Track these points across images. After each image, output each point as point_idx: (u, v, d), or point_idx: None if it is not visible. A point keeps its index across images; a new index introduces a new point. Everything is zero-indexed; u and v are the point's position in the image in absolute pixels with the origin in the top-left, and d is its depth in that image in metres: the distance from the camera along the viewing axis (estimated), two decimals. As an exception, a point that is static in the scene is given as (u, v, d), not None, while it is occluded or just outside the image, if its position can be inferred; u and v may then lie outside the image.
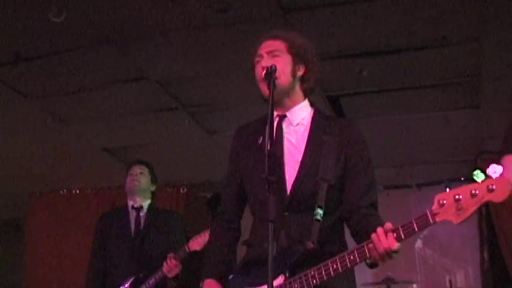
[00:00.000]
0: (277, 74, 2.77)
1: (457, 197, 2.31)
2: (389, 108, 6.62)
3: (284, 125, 2.91)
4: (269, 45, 2.92)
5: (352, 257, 2.51)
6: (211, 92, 6.29)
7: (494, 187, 2.26)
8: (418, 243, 8.41)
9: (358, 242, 2.64)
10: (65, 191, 9.38)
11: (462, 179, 7.61)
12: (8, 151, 7.60)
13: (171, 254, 4.78)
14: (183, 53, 5.54)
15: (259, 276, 2.68)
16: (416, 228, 2.40)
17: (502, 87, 6.04)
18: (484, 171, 2.31)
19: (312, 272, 2.56)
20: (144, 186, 5.27)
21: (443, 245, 8.34)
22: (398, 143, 7.43)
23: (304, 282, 2.58)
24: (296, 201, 2.73)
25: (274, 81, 2.71)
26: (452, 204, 2.32)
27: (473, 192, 2.29)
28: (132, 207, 5.24)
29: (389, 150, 7.41)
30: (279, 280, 2.63)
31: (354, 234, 2.77)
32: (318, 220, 2.69)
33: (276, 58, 2.85)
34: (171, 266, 4.76)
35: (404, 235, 2.43)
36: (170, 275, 4.80)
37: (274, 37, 2.94)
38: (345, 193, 2.82)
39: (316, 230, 2.68)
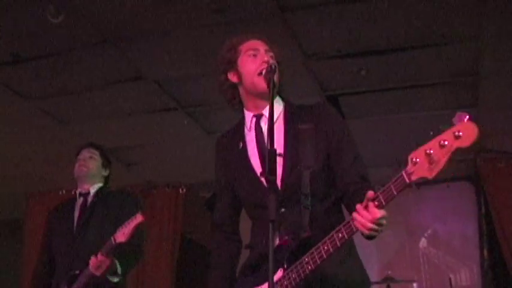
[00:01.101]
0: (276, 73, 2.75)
1: (427, 151, 2.30)
2: (388, 107, 6.62)
3: (262, 124, 2.89)
4: (262, 44, 2.93)
5: (340, 235, 2.48)
6: (210, 92, 6.27)
7: (460, 133, 2.28)
8: (423, 242, 8.40)
9: None
10: (63, 191, 9.35)
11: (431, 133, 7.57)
12: (6, 151, 7.59)
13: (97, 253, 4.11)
14: (181, 53, 5.53)
15: (261, 274, 2.69)
16: (394, 191, 2.38)
17: (501, 86, 6.04)
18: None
19: (306, 259, 2.54)
20: (93, 171, 4.68)
21: (446, 243, 8.33)
22: (397, 142, 7.41)
23: (300, 270, 2.56)
24: (287, 195, 2.72)
25: (273, 80, 2.69)
26: (425, 160, 2.31)
27: (441, 142, 2.28)
28: (80, 194, 4.65)
29: (388, 149, 7.40)
30: (278, 274, 2.61)
31: (351, 204, 2.68)
32: (307, 208, 2.68)
33: (272, 58, 2.86)
34: (96, 263, 4.04)
35: (384, 200, 2.40)
36: (97, 273, 4.06)
37: (259, 38, 2.99)
38: (335, 175, 2.80)
39: (306, 217, 2.67)
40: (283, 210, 2.71)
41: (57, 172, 8.40)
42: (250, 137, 2.92)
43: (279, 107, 2.92)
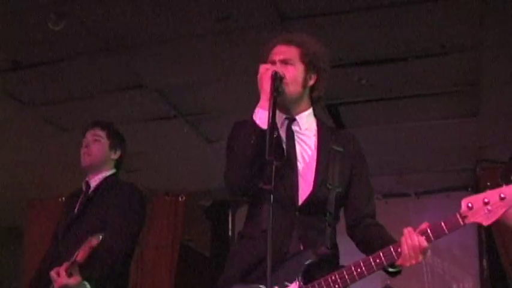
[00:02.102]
0: (286, 82, 2.76)
1: (486, 200, 2.45)
2: (388, 116, 6.62)
3: (294, 128, 2.90)
4: (283, 51, 2.88)
5: (378, 260, 2.52)
6: (210, 100, 6.29)
7: None
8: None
9: (365, 249, 2.69)
10: (64, 198, 9.34)
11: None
12: (6, 158, 7.58)
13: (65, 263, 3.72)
14: (182, 61, 5.54)
15: (262, 278, 2.59)
16: (446, 231, 2.50)
17: (501, 96, 6.04)
18: None
19: (333, 277, 2.55)
20: (98, 158, 4.14)
21: (445, 253, 8.31)
22: (397, 151, 7.43)
23: (326, 287, 2.56)
24: (310, 205, 2.74)
25: (278, 88, 2.70)
26: (482, 207, 2.46)
27: (502, 195, 2.43)
28: (86, 183, 4.17)
29: (388, 158, 7.40)
30: (293, 286, 2.60)
31: (361, 242, 2.79)
32: (330, 225, 2.74)
33: (288, 67, 2.83)
34: (60, 281, 3.64)
35: (433, 236, 2.50)
36: (56, 285, 3.65)
37: (288, 42, 2.92)
38: (350, 201, 2.85)
39: (328, 235, 2.72)
40: (297, 214, 2.71)
41: (58, 179, 8.39)
42: (281, 134, 2.90)
43: (312, 119, 2.96)
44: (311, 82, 2.92)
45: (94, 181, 4.14)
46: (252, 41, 5.16)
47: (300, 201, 2.73)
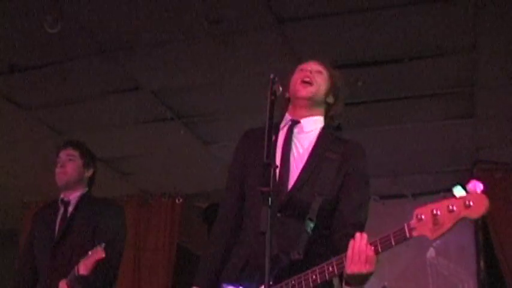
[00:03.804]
0: (313, 82, 3.00)
1: (434, 211, 2.30)
2: (385, 118, 6.62)
3: (295, 130, 2.98)
4: (316, 65, 3.10)
5: (330, 269, 2.51)
6: (207, 102, 6.28)
7: (471, 203, 2.24)
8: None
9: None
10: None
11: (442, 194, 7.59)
12: (3, 161, 7.58)
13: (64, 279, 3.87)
14: (178, 64, 5.54)
15: (251, 282, 2.69)
16: (393, 242, 2.39)
17: (497, 97, 6.04)
18: (464, 187, 2.31)
19: (293, 282, 2.57)
20: (73, 177, 4.29)
21: (443, 254, 8.32)
22: (393, 153, 7.43)
23: None
24: (290, 206, 2.76)
25: (275, 92, 2.71)
26: (430, 219, 2.31)
27: (450, 207, 2.27)
28: (62, 200, 4.31)
29: (384, 160, 7.40)
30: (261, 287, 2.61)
31: (334, 251, 2.73)
32: (307, 232, 2.72)
33: (319, 75, 3.06)
34: None
35: (381, 248, 2.42)
36: None
37: (319, 62, 3.13)
38: (337, 210, 2.83)
39: (304, 241, 2.70)
40: (279, 215, 2.71)
41: (54, 182, 8.38)
42: (281, 135, 2.99)
43: (317, 125, 3.04)
44: (330, 100, 3.10)
45: (73, 197, 4.31)
46: (247, 43, 5.17)
47: (282, 201, 2.75)
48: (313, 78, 3.01)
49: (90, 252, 3.79)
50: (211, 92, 6.05)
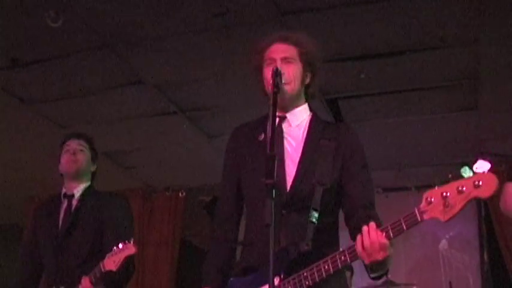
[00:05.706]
0: (287, 81, 2.80)
1: (444, 194, 2.30)
2: (388, 110, 6.62)
3: (284, 126, 2.92)
4: (282, 50, 2.89)
5: (343, 257, 2.52)
6: (210, 95, 6.28)
7: (480, 183, 2.25)
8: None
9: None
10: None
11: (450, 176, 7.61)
12: (5, 155, 7.59)
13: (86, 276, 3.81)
14: (181, 57, 5.54)
15: (258, 277, 2.70)
16: (404, 227, 2.39)
17: (501, 89, 6.04)
18: (471, 168, 2.31)
19: (305, 273, 2.57)
20: (84, 167, 4.19)
21: (447, 246, 8.34)
22: (397, 145, 7.43)
23: (297, 283, 2.59)
24: (293, 200, 2.75)
25: (278, 84, 2.70)
26: (440, 202, 2.31)
27: (460, 188, 2.27)
28: (65, 195, 4.21)
29: (388, 152, 7.40)
30: (274, 281, 2.61)
31: (351, 234, 2.75)
32: (313, 222, 2.71)
33: (289, 65, 2.85)
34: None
35: (393, 233, 2.42)
36: None
37: (286, 40, 2.92)
38: (344, 195, 2.83)
39: (311, 232, 2.69)
40: (284, 212, 2.72)
41: (57, 177, 8.39)
42: (269, 132, 2.90)
43: (305, 114, 2.97)
44: (307, 80, 2.96)
45: (76, 191, 4.20)
46: (251, 36, 5.16)
47: (285, 197, 2.74)
48: (287, 74, 2.80)
49: (115, 248, 3.75)
50: (214, 85, 6.05)
